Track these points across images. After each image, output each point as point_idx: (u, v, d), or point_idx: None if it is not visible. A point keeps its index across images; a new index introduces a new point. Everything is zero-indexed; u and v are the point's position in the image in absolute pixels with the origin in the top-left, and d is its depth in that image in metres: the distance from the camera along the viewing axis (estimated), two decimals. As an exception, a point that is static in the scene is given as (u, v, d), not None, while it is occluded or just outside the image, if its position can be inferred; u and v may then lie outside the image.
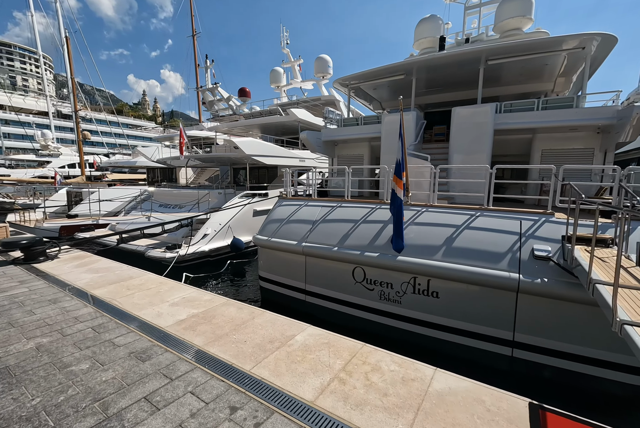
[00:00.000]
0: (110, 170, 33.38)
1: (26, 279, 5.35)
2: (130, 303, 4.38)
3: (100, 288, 4.96)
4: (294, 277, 6.87)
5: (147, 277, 5.62)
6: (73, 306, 4.23)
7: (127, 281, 5.34)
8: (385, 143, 8.60)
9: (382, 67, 9.12)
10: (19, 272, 5.77)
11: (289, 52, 19.77)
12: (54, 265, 6.26)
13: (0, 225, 7.68)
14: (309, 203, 7.35)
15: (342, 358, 3.09)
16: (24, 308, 4.13)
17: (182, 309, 4.19)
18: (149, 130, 78.51)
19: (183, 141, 12.73)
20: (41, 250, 6.31)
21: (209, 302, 4.46)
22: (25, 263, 6.28)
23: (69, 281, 5.28)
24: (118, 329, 3.58)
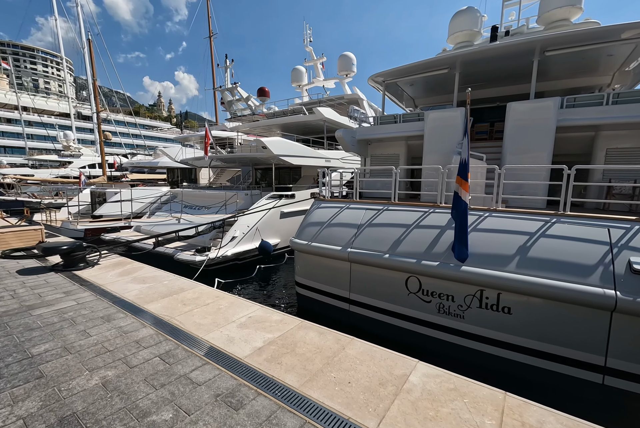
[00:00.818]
0: (130, 170, 33.74)
1: (71, 290, 5.04)
2: (193, 323, 3.95)
3: (153, 302, 4.59)
4: (336, 284, 6.42)
5: (199, 289, 5.22)
6: (130, 326, 3.84)
7: (180, 294, 4.96)
8: (429, 142, 8.07)
9: (424, 61, 8.59)
10: (62, 281, 5.48)
11: (312, 50, 19.38)
12: (96, 273, 5.98)
13: (36, 227, 7.51)
14: (351, 205, 6.89)
15: (489, 414, 2.42)
16: (77, 328, 3.75)
17: (254, 333, 3.71)
18: (165, 131, 79.76)
19: (208, 141, 12.47)
20: (81, 256, 6.06)
21: (282, 324, 3.97)
22: (66, 271, 6.00)
23: (116, 293, 4.95)
24: (190, 359, 3.12)
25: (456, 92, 8.81)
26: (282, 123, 15.25)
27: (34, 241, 7.60)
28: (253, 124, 16.13)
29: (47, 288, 5.13)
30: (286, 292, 8.62)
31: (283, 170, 16.13)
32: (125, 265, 6.51)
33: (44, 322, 3.87)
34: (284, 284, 9.28)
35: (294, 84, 20.08)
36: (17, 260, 6.72)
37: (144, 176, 28.60)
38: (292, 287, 9.00)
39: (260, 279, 9.74)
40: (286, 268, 10.89)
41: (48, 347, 3.29)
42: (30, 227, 7.57)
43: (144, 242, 9.56)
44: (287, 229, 12.04)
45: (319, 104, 18.15)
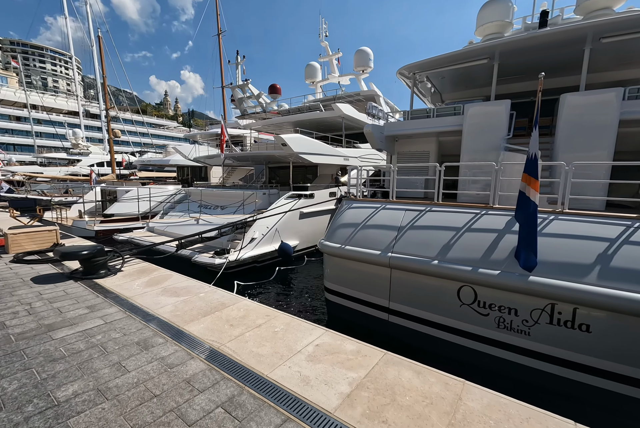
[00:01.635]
0: (138, 168, 33.47)
1: (95, 303, 4.47)
2: (249, 353, 3.25)
3: (194, 322, 3.94)
4: (374, 292, 5.88)
5: (244, 305, 4.54)
6: (174, 356, 3.15)
7: (223, 311, 4.29)
8: (468, 138, 7.49)
9: (462, 51, 8.02)
10: (83, 292, 4.90)
11: (327, 45, 18.80)
12: (120, 282, 5.39)
13: (50, 228, 7.05)
14: (388, 206, 6.34)
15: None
16: (110, 359, 3.09)
17: (332, 370, 2.96)
18: (172, 130, 79.76)
19: (224, 138, 11.99)
20: (103, 261, 5.53)
21: (361, 357, 3.20)
22: (86, 279, 5.45)
23: (148, 308, 4.34)
24: (264, 412, 2.38)
25: (494, 84, 8.21)
26: (299, 120, 14.72)
27: (49, 243, 7.15)
28: (267, 121, 15.63)
29: (68, 301, 4.53)
30: (310, 297, 8.10)
31: (298, 169, 15.61)
32: (151, 273, 5.93)
33: (69, 350, 3.22)
34: (306, 288, 8.76)
35: (307, 81, 19.53)
36: (31, 265, 6.23)
37: (152, 174, 28.28)
38: (315, 291, 8.49)
39: (280, 282, 9.23)
40: (306, 270, 10.37)
41: (77, 389, 2.62)
42: (45, 228, 7.10)
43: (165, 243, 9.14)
44: (307, 230, 11.53)
45: (334, 100, 17.61)
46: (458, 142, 9.17)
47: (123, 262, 6.24)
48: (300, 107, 16.05)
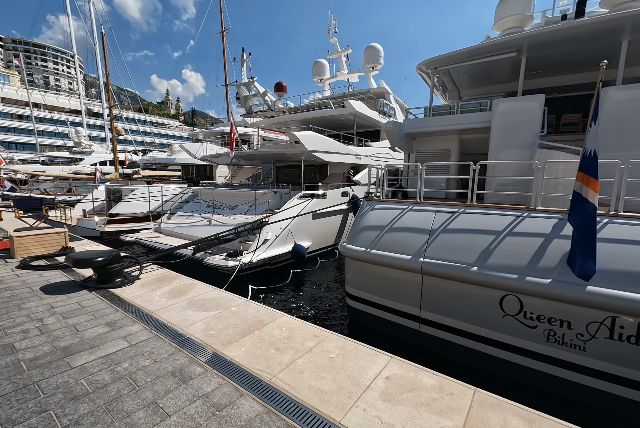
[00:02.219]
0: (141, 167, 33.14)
1: (115, 320, 3.94)
2: (309, 388, 2.68)
3: (232, 344, 3.37)
4: (403, 299, 5.50)
5: (284, 321, 3.98)
6: (221, 393, 2.58)
7: (262, 329, 3.75)
8: (497, 135, 7.09)
9: (488, 44, 7.63)
10: (100, 305, 4.39)
11: (337, 41, 18.38)
12: (140, 292, 4.88)
13: (59, 231, 6.66)
14: (415, 207, 5.95)
15: None
16: (143, 396, 2.51)
17: (419, 415, 2.38)
18: (174, 128, 79.51)
19: (234, 137, 11.59)
20: (119, 269, 5.10)
21: (446, 395, 2.64)
22: (101, 288, 4.98)
23: (176, 325, 3.78)
24: None
25: (521, 79, 7.79)
26: (308, 118, 14.32)
27: (57, 246, 6.75)
28: (275, 118, 15.23)
29: (84, 316, 4.03)
30: (329, 302, 7.71)
31: (308, 168, 15.22)
32: (172, 281, 5.43)
33: (92, 383, 2.67)
34: (323, 292, 8.38)
35: (315, 78, 19.13)
36: (39, 272, 5.81)
37: (155, 173, 27.94)
38: (333, 296, 8.12)
39: (295, 286, 8.85)
40: (320, 273, 10.00)
41: (111, 446, 2.10)
42: (53, 230, 6.68)
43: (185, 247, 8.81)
44: (319, 231, 11.16)
45: (343, 97, 17.22)
46: (482, 140, 8.76)
47: (141, 270, 5.73)
48: (309, 104, 15.65)
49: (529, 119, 6.61)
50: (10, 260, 6.50)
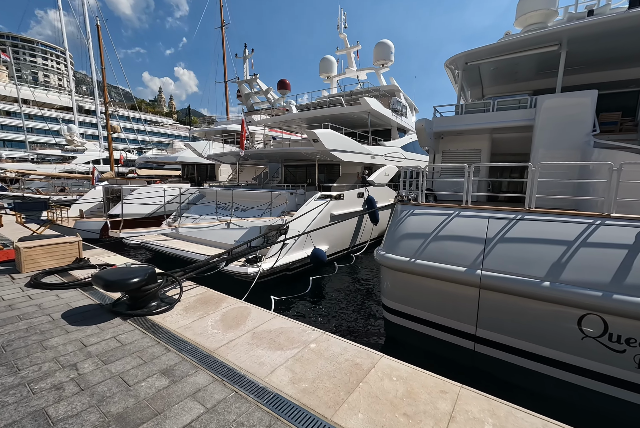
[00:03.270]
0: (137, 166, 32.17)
1: (171, 365, 3.05)
2: None
3: (342, 408, 2.53)
4: (455, 316, 4.96)
5: (387, 365, 3.14)
6: None
7: (367, 380, 2.91)
8: (543, 134, 6.60)
9: (526, 37, 7.16)
10: (143, 340, 3.51)
11: (346, 37, 17.79)
12: (186, 321, 4.06)
13: (72, 240, 5.92)
14: (463, 212, 5.42)
15: None
16: None
17: None
18: (167, 127, 78.09)
19: (244, 134, 10.95)
20: (155, 290, 4.35)
21: None
22: (137, 315, 4.15)
23: (255, 375, 2.94)
24: None
25: (561, 75, 7.32)
26: (322, 115, 13.69)
27: (70, 258, 5.98)
28: (285, 116, 14.60)
29: (129, 360, 3.14)
30: (358, 315, 7.14)
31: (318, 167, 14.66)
32: (218, 304, 4.62)
33: None
34: (348, 302, 7.80)
35: (322, 75, 18.53)
36: (55, 292, 4.96)
37: (152, 172, 27.03)
38: (360, 306, 7.56)
39: (317, 295, 8.27)
40: (339, 279, 9.44)
41: None
42: (65, 239, 5.92)
43: (183, 249, 8.15)
44: (336, 234, 10.60)
45: (351, 95, 16.67)
46: (516, 140, 8.31)
47: (181, 291, 4.86)
48: (319, 102, 15.05)
49: (580, 117, 6.14)
50: (17, 276, 5.60)
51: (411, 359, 3.40)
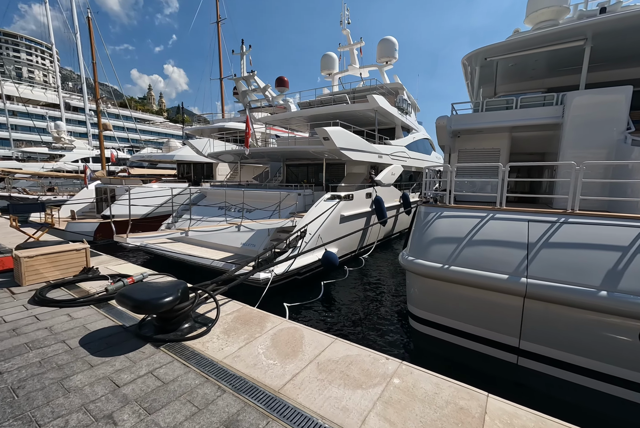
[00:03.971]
0: (128, 164, 31.24)
1: (233, 413, 2.41)
2: None
3: None
4: (494, 326, 4.62)
5: (498, 408, 2.55)
6: None
7: None
8: (573, 132, 6.30)
9: (552, 31, 6.87)
10: (189, 377, 2.85)
11: (349, 33, 17.38)
12: (233, 349, 3.36)
13: (79, 247, 5.29)
14: (498, 215, 5.08)
15: None
16: None
17: None
18: (158, 125, 76.61)
19: (249, 132, 10.43)
20: (188, 308, 3.62)
21: None
22: (171, 341, 3.46)
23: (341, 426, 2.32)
24: None
25: (585, 71, 7.06)
26: (322, 113, 13.29)
27: (76, 267, 5.34)
28: (287, 113, 14.13)
29: (177, 406, 2.48)
30: (377, 323, 6.74)
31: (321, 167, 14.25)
32: (262, 325, 3.94)
33: None
34: (364, 309, 7.41)
35: (324, 72, 18.09)
36: (66, 311, 4.22)
37: (145, 171, 26.21)
38: (377, 313, 7.18)
39: (330, 301, 7.86)
40: (351, 285, 9.05)
41: None
42: (70, 246, 5.24)
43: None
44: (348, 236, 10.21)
45: (354, 93, 16.31)
46: (538, 138, 8.05)
47: (218, 309, 4.09)
48: (322, 99, 14.63)
49: (613, 114, 5.87)
50: (17, 291, 4.85)
51: (442, 370, 3.10)
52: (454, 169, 5.73)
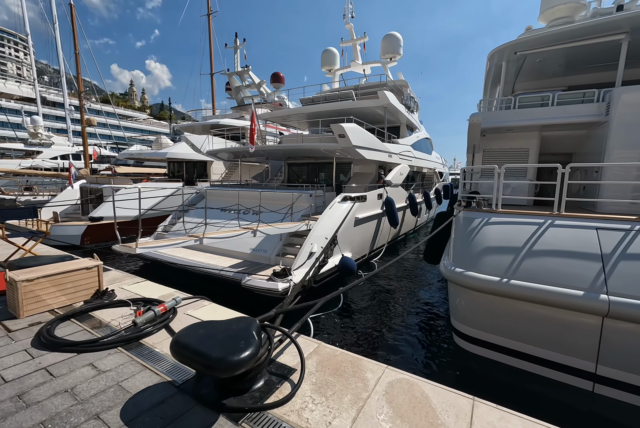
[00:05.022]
0: (112, 162, 29.69)
1: None
2: None
3: None
4: (564, 349, 4.09)
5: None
6: None
7: None
8: (621, 131, 5.88)
9: (592, 23, 6.48)
10: None
11: (352, 28, 16.72)
12: (345, 423, 2.30)
13: (90, 264, 4.22)
14: (557, 221, 4.57)
15: None
16: None
17: None
18: (141, 122, 74.07)
19: (254, 127, 9.64)
20: (265, 360, 2.57)
21: None
22: (253, 410, 2.40)
23: None
24: None
25: (622, 67, 6.70)
26: (326, 110, 12.56)
27: (87, 290, 4.28)
28: (291, 110, 13.36)
29: None
30: (410, 338, 6.14)
31: (327, 166, 13.57)
32: (360, 376, 2.91)
33: None
34: (391, 321, 6.82)
35: (324, 68, 17.38)
36: (87, 358, 3.12)
37: (131, 169, 24.83)
38: (406, 327, 6.58)
39: (351, 312, 7.24)
40: (366, 290, 8.46)
41: None
42: (78, 263, 4.13)
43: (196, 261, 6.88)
44: (358, 239, 9.61)
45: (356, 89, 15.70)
46: (569, 138, 7.66)
47: (303, 361, 2.94)
48: (327, 95, 13.95)
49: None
50: (14, 325, 3.71)
51: (500, 397, 2.66)
52: (502, 170, 5.18)
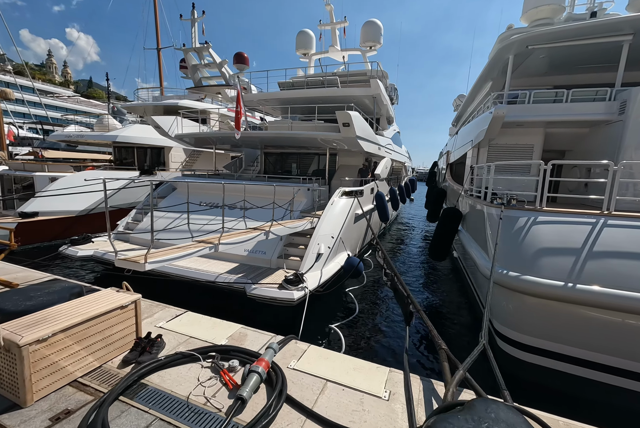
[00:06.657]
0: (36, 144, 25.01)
1: None
2: None
3: None
4: (635, 355, 3.92)
5: None
6: None
7: None
8: (636, 131, 5.99)
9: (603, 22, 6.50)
10: None
11: (332, 10, 15.62)
12: None
13: (124, 301, 2.40)
14: (610, 221, 4.40)
15: None
16: None
17: None
18: (65, 99, 64.43)
19: (241, 110, 8.28)
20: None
21: None
22: None
23: None
24: None
25: (622, 68, 6.91)
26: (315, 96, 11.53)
27: (123, 340, 2.68)
28: (271, 94, 12.00)
29: None
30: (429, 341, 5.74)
31: (306, 156, 12.66)
32: None
33: None
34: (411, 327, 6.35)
35: (299, 52, 16.13)
36: None
37: (62, 154, 21.07)
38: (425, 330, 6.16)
39: (369, 316, 6.63)
40: (375, 292, 7.95)
41: None
42: (110, 299, 2.50)
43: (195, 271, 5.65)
44: (357, 236, 9.03)
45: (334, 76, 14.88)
46: (571, 135, 7.80)
47: None
48: (309, 80, 12.90)
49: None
50: (21, 426, 2.08)
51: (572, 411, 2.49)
52: (549, 166, 4.88)
